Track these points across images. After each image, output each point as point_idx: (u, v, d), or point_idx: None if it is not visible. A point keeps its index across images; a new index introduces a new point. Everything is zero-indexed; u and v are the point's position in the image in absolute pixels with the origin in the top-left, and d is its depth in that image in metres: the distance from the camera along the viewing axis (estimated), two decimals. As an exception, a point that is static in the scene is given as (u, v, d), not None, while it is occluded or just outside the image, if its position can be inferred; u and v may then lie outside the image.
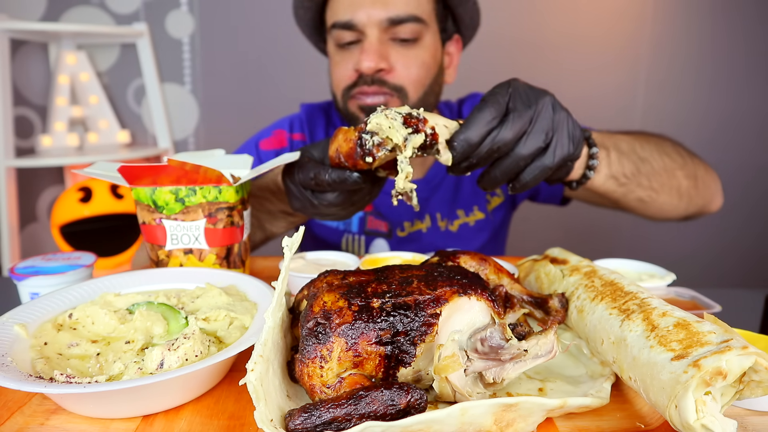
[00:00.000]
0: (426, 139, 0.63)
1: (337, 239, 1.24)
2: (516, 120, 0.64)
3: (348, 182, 0.70)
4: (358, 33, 1.04)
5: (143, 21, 2.55)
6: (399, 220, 1.22)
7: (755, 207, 2.72)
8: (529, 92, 0.67)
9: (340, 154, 0.68)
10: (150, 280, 0.71)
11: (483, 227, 1.24)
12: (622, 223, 2.78)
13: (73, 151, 2.48)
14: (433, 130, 0.63)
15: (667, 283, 0.80)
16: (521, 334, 0.53)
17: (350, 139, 0.66)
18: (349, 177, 0.69)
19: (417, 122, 0.63)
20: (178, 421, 0.51)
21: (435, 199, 1.22)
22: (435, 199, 1.22)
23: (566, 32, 2.58)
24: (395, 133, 0.62)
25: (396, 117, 0.63)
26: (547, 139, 0.66)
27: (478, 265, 0.66)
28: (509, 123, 0.64)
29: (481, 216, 1.23)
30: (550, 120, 0.66)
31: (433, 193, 1.22)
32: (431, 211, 1.22)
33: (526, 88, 0.67)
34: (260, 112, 2.47)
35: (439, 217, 1.22)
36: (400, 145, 0.63)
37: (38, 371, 0.51)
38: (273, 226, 1.03)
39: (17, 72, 2.50)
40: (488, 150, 0.64)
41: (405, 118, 0.63)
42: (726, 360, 0.42)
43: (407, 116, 0.63)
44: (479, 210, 1.23)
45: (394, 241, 1.22)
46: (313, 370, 0.48)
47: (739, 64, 2.59)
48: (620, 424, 0.51)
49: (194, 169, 0.71)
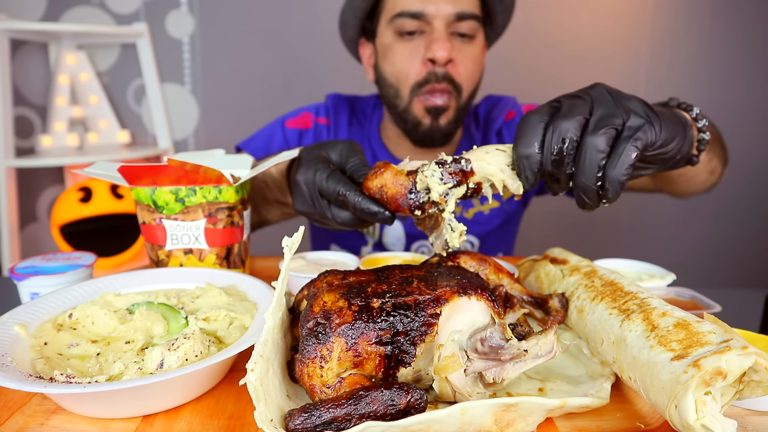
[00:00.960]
0: (467, 191, 0.62)
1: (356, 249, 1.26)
2: (570, 106, 0.56)
3: (378, 217, 0.66)
4: (423, 24, 1.06)
5: (143, 21, 2.55)
6: None
7: (755, 207, 2.72)
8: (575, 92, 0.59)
9: (384, 194, 0.65)
10: (150, 280, 0.71)
11: (497, 214, 1.27)
12: (621, 223, 2.78)
13: (73, 151, 2.48)
14: (477, 185, 0.62)
15: (667, 283, 0.80)
16: (521, 334, 0.53)
17: (402, 184, 0.64)
18: (380, 213, 0.66)
19: (461, 174, 0.61)
20: (178, 421, 0.51)
21: None
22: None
23: (566, 32, 2.58)
24: (436, 187, 0.61)
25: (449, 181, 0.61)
26: (621, 118, 0.55)
27: (478, 265, 0.66)
28: (562, 110, 0.56)
29: (496, 204, 1.26)
30: (611, 101, 0.56)
31: None
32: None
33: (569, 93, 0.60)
34: (260, 112, 2.47)
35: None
36: (439, 201, 0.62)
37: (38, 371, 0.51)
38: (268, 213, 1.03)
39: (17, 72, 2.50)
40: (554, 152, 0.55)
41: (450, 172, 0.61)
42: (726, 360, 0.42)
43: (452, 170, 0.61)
44: (494, 198, 1.26)
45: (409, 223, 1.25)
46: (313, 370, 0.48)
47: (739, 64, 2.59)
48: (620, 424, 0.51)
49: (194, 169, 0.71)
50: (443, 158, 0.62)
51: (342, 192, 0.68)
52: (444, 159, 0.62)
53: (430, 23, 1.06)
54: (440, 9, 1.04)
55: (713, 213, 2.70)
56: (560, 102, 0.57)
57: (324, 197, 0.72)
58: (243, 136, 1.92)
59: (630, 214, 2.75)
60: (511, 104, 1.31)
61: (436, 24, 1.05)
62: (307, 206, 0.75)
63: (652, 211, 2.74)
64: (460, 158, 0.61)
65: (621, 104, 0.56)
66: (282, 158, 0.76)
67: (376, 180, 0.66)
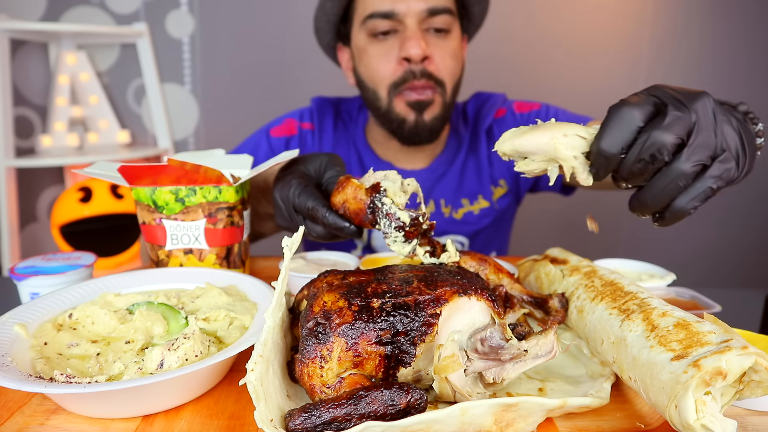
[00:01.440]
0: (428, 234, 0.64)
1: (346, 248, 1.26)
2: (674, 120, 0.48)
3: (345, 232, 0.68)
4: (395, 23, 1.05)
5: (143, 21, 2.55)
6: None
7: (755, 207, 2.72)
8: (682, 91, 0.51)
9: (347, 209, 0.67)
10: (150, 280, 0.71)
11: (487, 214, 1.26)
12: (622, 223, 2.78)
13: (73, 151, 2.48)
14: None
15: (667, 283, 0.80)
16: (521, 334, 0.53)
17: (360, 199, 0.65)
18: (347, 228, 0.68)
19: (415, 233, 0.63)
20: (178, 421, 0.51)
21: (439, 187, 1.24)
22: (439, 187, 1.24)
23: (566, 33, 2.58)
24: (401, 250, 0.63)
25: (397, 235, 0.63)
26: (715, 152, 0.50)
27: (478, 265, 0.66)
28: (665, 122, 0.48)
29: (485, 204, 1.26)
30: (713, 126, 0.50)
31: (437, 183, 1.24)
32: (435, 197, 1.24)
33: (674, 88, 0.52)
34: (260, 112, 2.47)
35: (443, 203, 1.24)
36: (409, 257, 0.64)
37: (38, 371, 0.51)
38: (261, 227, 1.03)
39: (17, 72, 2.50)
40: (638, 160, 0.49)
41: (406, 233, 0.63)
42: (726, 360, 0.42)
43: (408, 231, 0.63)
44: (484, 198, 1.25)
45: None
46: (313, 370, 0.48)
47: (739, 64, 2.59)
48: (620, 424, 0.51)
49: (194, 169, 0.71)
50: (400, 220, 0.62)
51: (311, 207, 0.70)
52: (402, 221, 0.62)
53: (402, 22, 1.05)
54: (411, 6, 1.03)
55: (713, 213, 2.70)
56: (664, 104, 0.49)
57: (298, 212, 0.74)
58: (243, 136, 1.92)
59: (630, 215, 2.75)
60: (501, 101, 1.30)
61: (408, 22, 1.04)
62: (286, 221, 0.77)
63: (652, 211, 2.73)
64: (416, 217, 0.62)
65: (720, 133, 0.50)
66: (282, 158, 0.76)
67: (339, 196, 0.67)
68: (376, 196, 0.63)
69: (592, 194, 2.73)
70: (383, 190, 0.63)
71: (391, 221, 0.62)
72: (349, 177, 0.67)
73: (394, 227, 0.62)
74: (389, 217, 0.63)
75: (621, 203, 2.75)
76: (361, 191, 0.65)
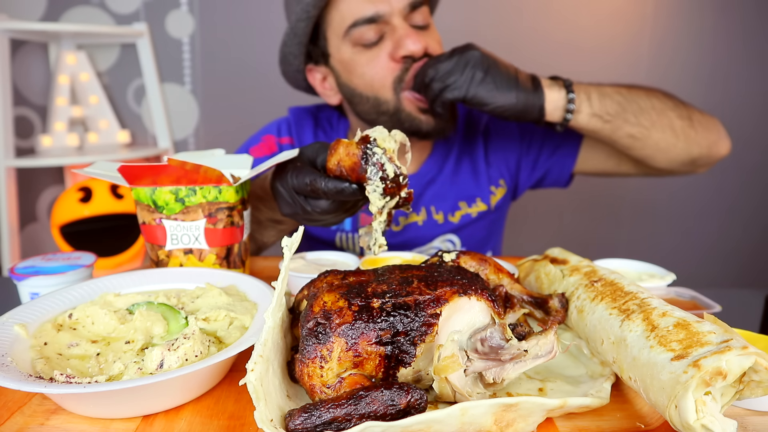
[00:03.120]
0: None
1: (331, 237, 1.23)
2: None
3: (345, 193, 0.70)
4: (381, 27, 1.03)
5: (143, 21, 2.55)
6: (395, 216, 1.22)
7: (755, 207, 2.72)
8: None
9: (342, 168, 0.69)
10: (150, 280, 0.71)
11: (484, 216, 1.25)
12: (622, 223, 2.78)
13: (73, 151, 2.48)
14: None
15: (667, 283, 0.80)
16: (521, 334, 0.53)
17: (353, 153, 0.67)
18: (347, 188, 0.70)
19: (396, 188, 0.67)
20: (178, 421, 0.51)
21: (429, 193, 1.22)
22: (429, 193, 1.22)
23: (567, 32, 2.58)
24: (376, 201, 0.68)
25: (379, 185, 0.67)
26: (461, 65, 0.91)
27: (478, 265, 0.66)
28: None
29: (483, 207, 1.24)
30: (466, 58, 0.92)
31: (426, 188, 1.22)
32: (426, 204, 1.22)
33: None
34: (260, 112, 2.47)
35: (433, 210, 1.22)
36: (376, 213, 0.69)
37: (38, 371, 0.51)
38: (263, 236, 1.02)
39: (17, 72, 2.50)
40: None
41: (385, 187, 0.67)
42: (726, 360, 0.42)
43: (387, 185, 0.67)
44: (482, 201, 1.23)
45: (389, 235, 1.22)
46: (313, 370, 0.48)
47: (738, 64, 2.59)
48: (620, 424, 0.51)
49: (194, 168, 0.71)
50: (386, 172, 0.67)
51: (309, 181, 0.73)
52: (387, 173, 0.66)
53: (388, 23, 1.02)
54: (393, 5, 1.01)
55: (713, 213, 2.70)
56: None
57: (299, 193, 0.76)
58: (243, 135, 1.92)
59: (630, 214, 2.75)
60: None
61: (395, 21, 1.02)
62: (290, 207, 0.79)
63: (652, 211, 2.74)
64: (399, 174, 0.67)
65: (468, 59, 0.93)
66: (282, 158, 0.76)
67: (333, 158, 0.70)
68: (367, 146, 0.67)
69: (592, 194, 2.73)
70: (373, 140, 0.67)
71: (378, 170, 0.66)
72: (340, 139, 0.71)
73: (379, 176, 0.66)
74: (377, 166, 0.66)
75: (621, 203, 2.75)
76: (352, 146, 0.68)
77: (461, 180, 1.23)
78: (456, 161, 1.23)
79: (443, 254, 0.65)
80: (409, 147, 0.71)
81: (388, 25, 1.03)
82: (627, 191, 2.71)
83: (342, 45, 1.07)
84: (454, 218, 1.23)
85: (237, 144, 1.92)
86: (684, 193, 2.68)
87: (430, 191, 1.22)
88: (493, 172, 1.24)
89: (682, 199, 2.70)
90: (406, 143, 0.70)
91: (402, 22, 1.03)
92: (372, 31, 1.03)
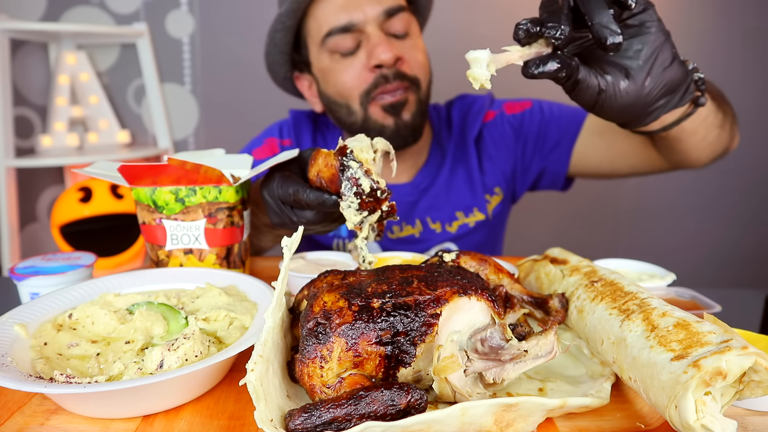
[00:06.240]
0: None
1: (328, 242, 1.23)
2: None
3: (326, 204, 0.69)
4: (357, 35, 1.03)
5: (143, 21, 2.55)
6: (387, 224, 1.21)
7: (755, 207, 2.72)
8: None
9: (322, 179, 0.68)
10: (150, 280, 0.71)
11: (482, 225, 1.24)
12: (622, 224, 2.78)
13: (73, 151, 2.48)
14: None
15: (667, 283, 0.80)
16: (521, 334, 0.53)
17: (331, 164, 0.66)
18: (327, 200, 0.69)
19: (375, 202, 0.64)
20: (178, 421, 0.51)
21: (423, 202, 1.21)
22: (423, 202, 1.21)
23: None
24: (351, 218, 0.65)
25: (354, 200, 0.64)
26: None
27: (478, 265, 0.66)
28: None
29: (481, 217, 1.22)
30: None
31: (420, 197, 1.21)
32: (421, 215, 1.21)
33: None
34: (260, 112, 2.47)
35: (430, 221, 1.21)
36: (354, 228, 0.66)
37: (38, 371, 0.51)
38: (260, 241, 1.02)
39: (17, 72, 2.50)
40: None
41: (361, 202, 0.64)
42: (726, 360, 0.42)
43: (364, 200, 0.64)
44: (479, 211, 1.22)
45: (385, 242, 1.22)
46: (313, 370, 0.48)
47: (738, 64, 2.59)
48: (620, 424, 0.51)
49: (194, 168, 0.71)
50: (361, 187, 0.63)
51: (292, 191, 0.72)
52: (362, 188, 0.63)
53: (363, 31, 1.02)
54: (367, 13, 1.01)
55: (713, 213, 2.70)
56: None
57: (285, 203, 0.76)
58: (243, 135, 1.92)
59: (630, 215, 2.76)
60: (488, 103, 1.26)
61: (369, 30, 1.02)
62: (278, 216, 0.78)
63: (652, 211, 2.74)
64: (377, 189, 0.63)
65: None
66: (282, 158, 0.76)
67: (313, 168, 0.69)
68: (343, 158, 0.64)
69: (591, 194, 2.73)
70: (350, 151, 0.64)
71: (352, 185, 0.64)
72: (319, 149, 0.69)
73: (353, 192, 0.64)
74: (351, 181, 0.64)
75: (621, 203, 2.75)
76: (330, 157, 0.66)
77: (456, 189, 1.22)
78: (450, 170, 1.22)
79: (443, 254, 0.65)
80: (393, 155, 0.69)
81: (363, 34, 1.02)
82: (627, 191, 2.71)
83: (320, 53, 1.08)
84: (452, 228, 1.22)
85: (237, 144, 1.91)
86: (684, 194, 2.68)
87: (425, 201, 1.21)
88: (488, 180, 1.23)
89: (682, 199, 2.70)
90: (390, 151, 0.68)
91: (376, 31, 1.02)
92: (348, 40, 1.03)
